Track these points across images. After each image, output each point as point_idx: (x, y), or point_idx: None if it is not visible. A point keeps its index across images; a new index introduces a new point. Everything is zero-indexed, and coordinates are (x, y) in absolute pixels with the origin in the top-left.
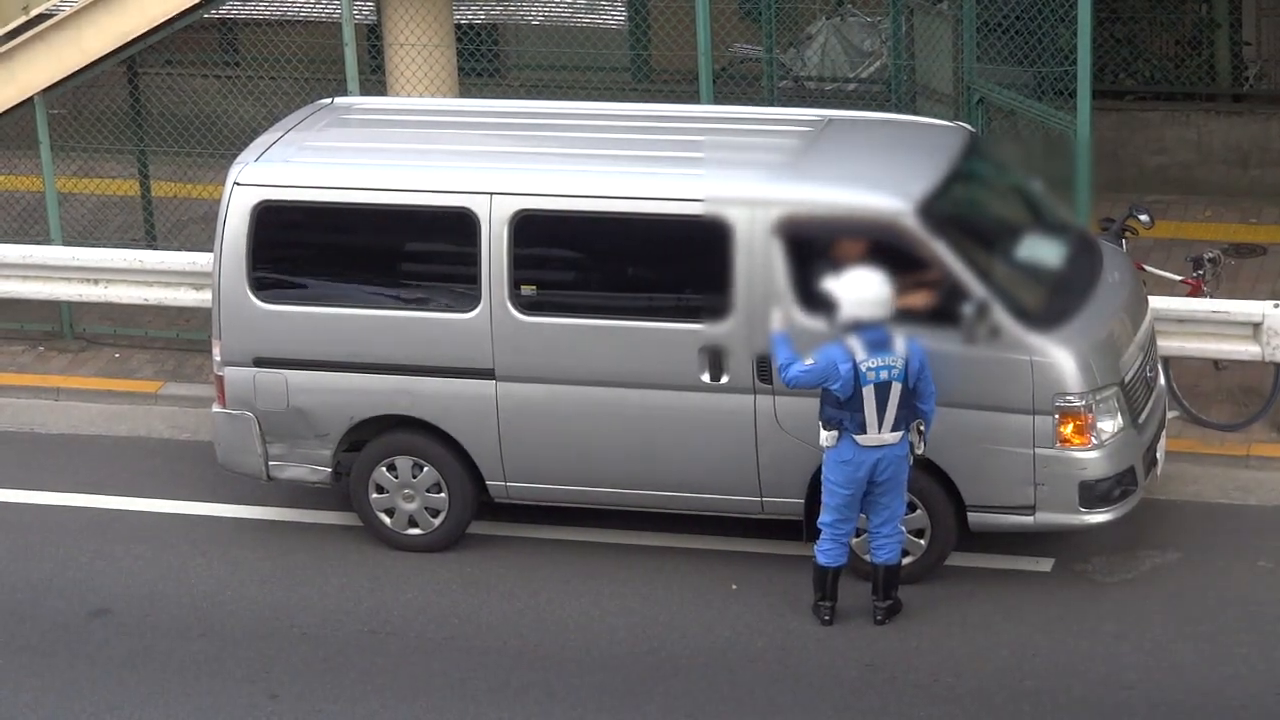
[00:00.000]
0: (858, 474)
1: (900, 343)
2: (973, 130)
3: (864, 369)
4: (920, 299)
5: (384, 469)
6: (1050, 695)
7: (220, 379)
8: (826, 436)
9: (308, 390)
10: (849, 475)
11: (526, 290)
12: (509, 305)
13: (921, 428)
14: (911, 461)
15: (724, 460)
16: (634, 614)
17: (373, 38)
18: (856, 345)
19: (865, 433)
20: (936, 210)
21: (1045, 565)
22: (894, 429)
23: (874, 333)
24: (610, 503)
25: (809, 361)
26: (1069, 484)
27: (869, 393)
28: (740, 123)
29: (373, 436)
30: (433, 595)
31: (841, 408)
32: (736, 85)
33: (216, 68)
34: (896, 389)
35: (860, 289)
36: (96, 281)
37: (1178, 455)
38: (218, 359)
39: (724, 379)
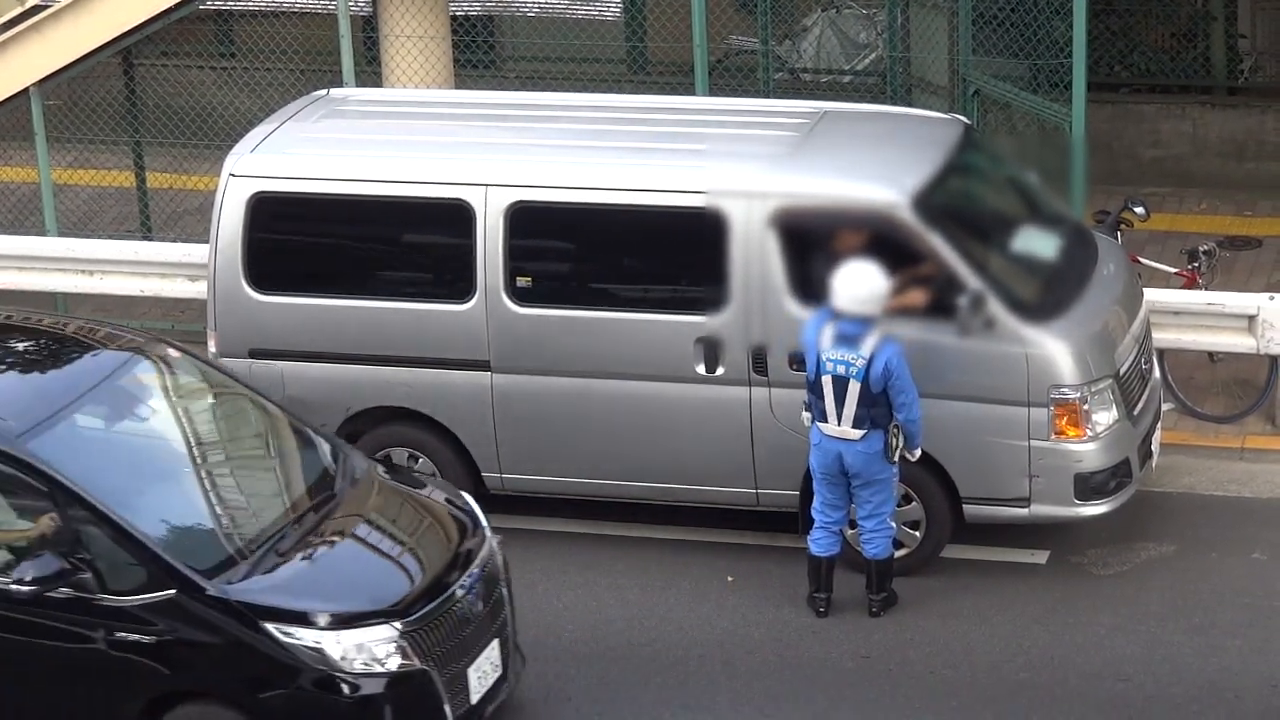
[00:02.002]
0: (826, 459)
1: (869, 343)
2: (968, 123)
3: (824, 358)
4: (915, 291)
5: (379, 460)
6: (1045, 687)
7: None
8: (804, 417)
9: (303, 381)
10: (819, 459)
11: (522, 281)
12: (504, 296)
13: (897, 431)
14: (894, 462)
15: (719, 452)
16: (630, 606)
17: (368, 29)
18: (826, 333)
19: (826, 422)
20: (931, 202)
21: (1040, 557)
22: (855, 425)
23: (848, 325)
24: (605, 494)
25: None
26: (1064, 476)
27: (827, 383)
28: (736, 115)
29: (369, 428)
30: None
31: (810, 391)
32: (732, 77)
33: (212, 59)
34: (854, 387)
35: (853, 284)
36: (92, 273)
37: (1173, 447)
38: (213, 350)
39: (719, 371)
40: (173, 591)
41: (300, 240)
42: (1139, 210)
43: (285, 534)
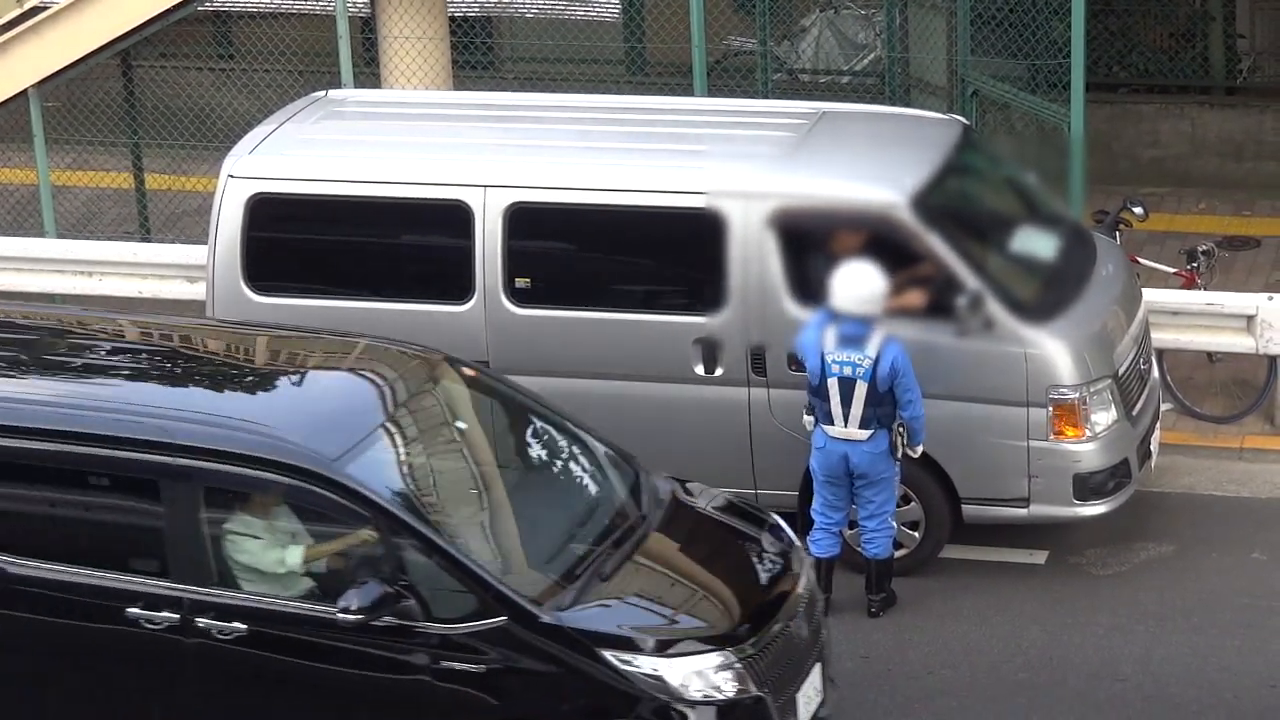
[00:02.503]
0: (830, 462)
1: (874, 343)
2: (966, 123)
3: (829, 360)
4: (914, 292)
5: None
6: (1044, 687)
7: None
8: (806, 421)
9: None
10: (823, 462)
11: (520, 282)
12: (503, 297)
13: (902, 429)
14: (899, 460)
15: (718, 452)
16: None
17: (367, 30)
18: (829, 335)
19: (832, 424)
20: (930, 203)
21: (1039, 558)
22: (862, 426)
23: (851, 327)
24: None
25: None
26: (1063, 476)
27: (833, 385)
28: (734, 115)
29: None
30: None
31: (814, 395)
32: (730, 78)
33: (211, 60)
34: (861, 388)
35: (852, 284)
36: (91, 274)
37: (1171, 448)
38: None
39: (718, 371)
40: (504, 619)
41: (299, 241)
42: (1138, 210)
43: (604, 558)
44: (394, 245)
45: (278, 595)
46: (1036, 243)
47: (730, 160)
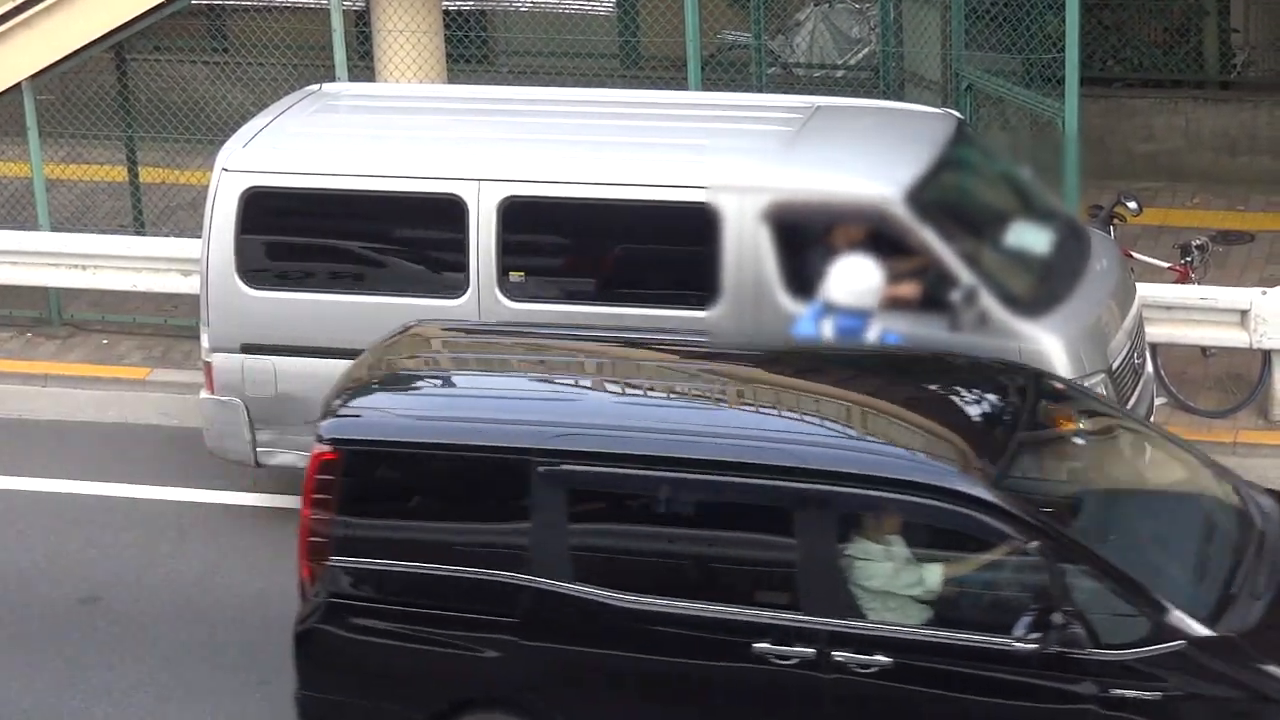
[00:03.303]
0: None
1: (872, 336)
2: (961, 117)
3: None
4: (908, 286)
5: None
6: None
7: (208, 365)
8: None
9: (296, 376)
10: None
11: (515, 277)
12: (497, 292)
13: None
14: None
15: None
16: None
17: (361, 24)
18: (826, 329)
19: None
20: (925, 197)
21: None
22: None
23: (848, 320)
24: None
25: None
26: None
27: None
28: (729, 109)
29: None
30: None
31: None
32: (725, 72)
33: (205, 54)
34: None
35: (849, 277)
36: (84, 267)
37: None
38: (206, 345)
39: None
40: (1182, 643)
41: (293, 235)
42: (1132, 205)
43: (1248, 575)
44: (388, 239)
45: (921, 625)
46: (1031, 237)
47: (724, 154)
